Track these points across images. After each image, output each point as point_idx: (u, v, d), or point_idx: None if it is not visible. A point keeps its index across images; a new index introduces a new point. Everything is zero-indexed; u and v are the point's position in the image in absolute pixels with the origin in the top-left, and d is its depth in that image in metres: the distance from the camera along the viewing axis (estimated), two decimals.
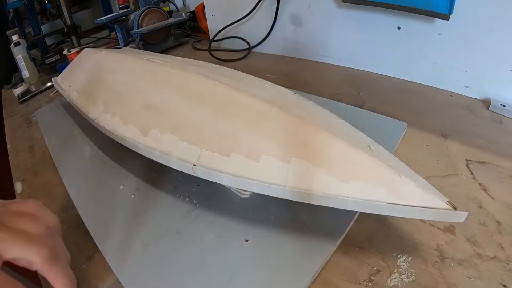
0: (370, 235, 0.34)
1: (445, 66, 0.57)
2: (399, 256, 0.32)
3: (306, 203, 0.30)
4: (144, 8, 0.94)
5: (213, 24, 0.95)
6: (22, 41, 0.90)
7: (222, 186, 0.42)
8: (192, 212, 0.40)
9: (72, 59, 0.78)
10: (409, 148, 0.46)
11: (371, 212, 0.28)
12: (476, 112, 0.52)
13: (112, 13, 1.16)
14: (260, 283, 0.31)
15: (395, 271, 0.30)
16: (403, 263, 0.31)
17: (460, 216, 0.26)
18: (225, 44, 0.95)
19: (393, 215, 0.27)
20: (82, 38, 1.16)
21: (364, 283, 0.30)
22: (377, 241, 0.34)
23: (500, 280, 0.28)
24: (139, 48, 0.95)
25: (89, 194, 0.45)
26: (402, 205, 0.26)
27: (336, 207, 0.29)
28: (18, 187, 0.53)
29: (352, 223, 0.35)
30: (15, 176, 0.56)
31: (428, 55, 0.59)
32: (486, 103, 0.54)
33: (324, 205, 0.29)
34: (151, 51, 0.81)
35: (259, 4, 0.81)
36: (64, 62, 0.96)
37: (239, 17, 0.86)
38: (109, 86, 0.52)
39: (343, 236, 0.34)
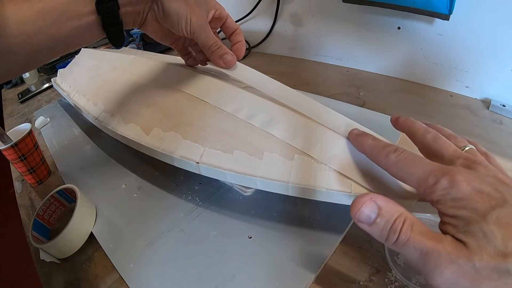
0: (370, 235, 0.34)
1: (445, 66, 0.58)
2: (399, 256, 0.32)
3: (308, 200, 0.30)
4: None
5: None
6: None
7: (225, 184, 0.43)
8: (194, 210, 0.40)
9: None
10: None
11: None
12: (476, 112, 0.52)
13: None
14: (263, 280, 0.31)
15: None
16: (403, 263, 0.31)
17: None
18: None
19: None
20: None
21: (364, 283, 0.30)
22: (377, 241, 0.33)
23: None
24: (139, 48, 0.95)
25: (91, 193, 0.45)
26: (403, 200, 0.27)
27: (339, 202, 0.29)
28: (18, 187, 0.53)
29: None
30: (15, 176, 0.56)
31: (428, 55, 0.59)
32: (486, 103, 0.54)
33: (327, 200, 0.29)
34: (151, 51, 0.81)
35: (259, 4, 0.81)
36: (64, 62, 0.96)
37: (239, 17, 0.86)
38: (109, 86, 0.52)
39: (345, 232, 0.35)
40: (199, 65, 0.44)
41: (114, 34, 0.34)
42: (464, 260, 0.18)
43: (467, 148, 0.25)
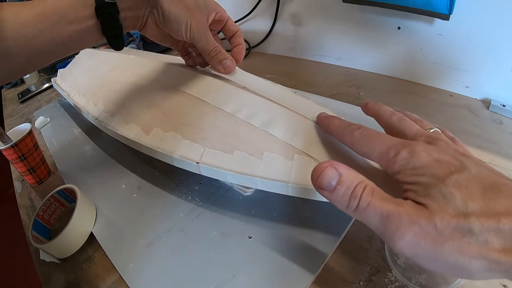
0: (370, 235, 0.34)
1: (445, 66, 0.58)
2: (399, 256, 0.32)
3: (308, 200, 0.30)
4: None
5: None
6: None
7: (225, 184, 0.43)
8: (194, 210, 0.40)
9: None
10: None
11: None
12: (476, 112, 0.52)
13: None
14: (263, 280, 0.31)
15: None
16: (403, 263, 0.31)
17: None
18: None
19: None
20: None
21: (364, 283, 0.30)
22: (377, 241, 0.34)
23: (500, 280, 0.28)
24: (139, 48, 0.95)
25: (91, 193, 0.45)
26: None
27: None
28: (18, 187, 0.53)
29: (353, 218, 0.36)
30: (15, 176, 0.56)
31: (428, 55, 0.59)
32: (486, 103, 0.54)
33: (327, 200, 0.29)
34: (151, 51, 0.81)
35: (259, 4, 0.81)
36: (64, 62, 0.96)
37: (239, 17, 0.86)
38: (109, 86, 0.52)
39: (345, 232, 0.35)
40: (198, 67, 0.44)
41: (113, 38, 0.34)
42: (425, 221, 0.18)
43: (432, 130, 0.25)
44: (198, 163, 0.34)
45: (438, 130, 0.25)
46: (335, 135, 0.28)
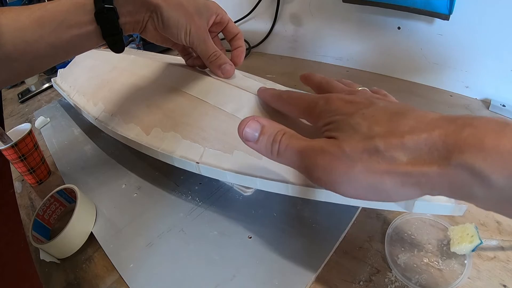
0: (370, 235, 0.34)
1: (445, 66, 0.58)
2: (399, 256, 0.32)
3: (308, 200, 0.30)
4: None
5: None
6: None
7: (225, 184, 0.43)
8: (194, 210, 0.40)
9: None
10: None
11: (373, 208, 0.28)
12: (476, 112, 0.52)
13: None
14: (263, 280, 0.31)
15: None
16: (403, 263, 0.31)
17: (460, 209, 0.26)
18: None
19: (394, 209, 0.27)
20: None
21: (364, 283, 0.30)
22: (377, 241, 0.34)
23: (500, 280, 0.28)
24: (139, 48, 0.95)
25: (91, 193, 0.45)
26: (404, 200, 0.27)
27: (339, 202, 0.29)
28: (18, 187, 0.53)
29: (354, 217, 0.36)
30: (15, 176, 0.56)
31: (428, 55, 0.59)
32: (486, 103, 0.54)
33: (327, 200, 0.29)
34: (151, 51, 0.81)
35: (259, 4, 0.81)
36: (63, 62, 0.96)
37: (239, 17, 0.86)
38: (109, 86, 0.52)
39: (345, 232, 0.35)
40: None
41: (113, 42, 0.34)
42: (335, 148, 0.20)
43: (359, 88, 0.27)
44: (198, 163, 0.34)
45: (365, 89, 0.27)
46: (270, 103, 0.32)
